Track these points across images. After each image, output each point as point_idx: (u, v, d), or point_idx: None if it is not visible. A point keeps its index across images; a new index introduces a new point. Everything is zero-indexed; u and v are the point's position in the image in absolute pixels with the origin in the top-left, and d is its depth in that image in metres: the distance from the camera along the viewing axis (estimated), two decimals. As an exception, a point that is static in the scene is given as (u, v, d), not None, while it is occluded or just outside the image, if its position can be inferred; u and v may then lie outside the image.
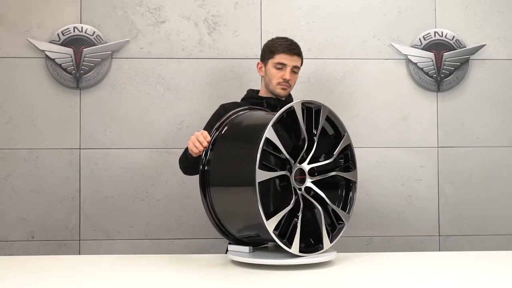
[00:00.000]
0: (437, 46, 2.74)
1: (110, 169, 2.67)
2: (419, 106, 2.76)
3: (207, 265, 1.73)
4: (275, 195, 1.63)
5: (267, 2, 2.74)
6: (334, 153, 1.72)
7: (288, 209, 1.56)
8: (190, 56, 2.71)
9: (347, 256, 1.87)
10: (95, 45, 2.66)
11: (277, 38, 2.22)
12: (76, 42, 2.65)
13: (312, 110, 1.69)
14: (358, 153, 2.70)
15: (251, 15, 2.74)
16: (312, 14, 2.75)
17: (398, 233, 2.75)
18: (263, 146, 1.51)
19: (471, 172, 2.77)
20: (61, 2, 2.68)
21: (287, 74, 2.12)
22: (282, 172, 1.58)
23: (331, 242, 1.69)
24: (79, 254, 2.65)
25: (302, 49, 2.70)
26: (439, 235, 2.75)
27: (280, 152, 1.57)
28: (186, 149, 1.99)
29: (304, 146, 1.63)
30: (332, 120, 1.76)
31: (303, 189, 1.63)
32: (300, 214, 1.58)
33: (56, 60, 2.64)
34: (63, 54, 2.64)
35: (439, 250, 2.75)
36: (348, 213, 1.80)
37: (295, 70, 2.16)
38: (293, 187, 1.60)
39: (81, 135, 2.67)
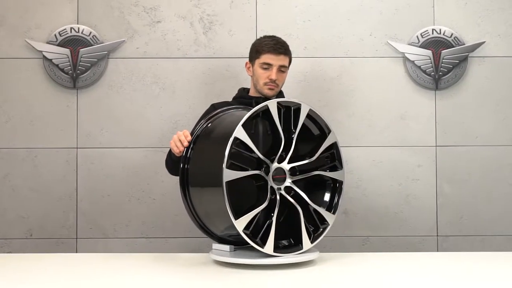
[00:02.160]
0: (435, 44, 2.70)
1: (107, 168, 2.70)
2: (416, 105, 2.72)
3: (189, 264, 1.74)
4: (252, 195, 1.62)
5: (262, 1, 2.73)
6: (317, 153, 1.69)
7: (261, 209, 1.56)
8: (186, 56, 2.72)
9: (331, 256, 1.86)
10: (92, 45, 2.68)
11: (264, 37, 2.20)
12: (73, 43, 2.68)
13: (291, 109, 1.68)
14: (355, 152, 2.73)
15: (247, 14, 2.73)
16: (308, 13, 2.74)
17: (395, 233, 2.71)
18: (231, 145, 1.51)
19: (471, 172, 2.72)
20: (58, 2, 2.71)
21: (273, 74, 2.09)
22: (253, 172, 1.58)
23: (312, 242, 1.66)
24: (76, 252, 2.68)
25: (298, 48, 2.72)
26: (437, 236, 2.71)
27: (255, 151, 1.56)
28: (170, 149, 2.00)
29: (281, 146, 1.61)
30: (316, 119, 1.74)
31: (282, 188, 1.62)
32: (275, 214, 1.57)
33: (53, 60, 2.67)
34: (60, 54, 2.67)
35: (437, 251, 2.71)
36: (333, 213, 1.76)
37: (282, 69, 2.13)
38: (271, 186, 1.59)
39: (78, 134, 2.70)
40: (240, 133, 1.54)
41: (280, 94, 2.29)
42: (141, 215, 2.69)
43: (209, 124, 1.77)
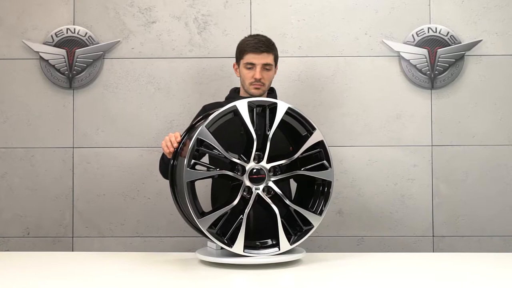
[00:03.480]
0: (431, 43, 2.67)
1: (102, 167, 2.72)
2: (412, 104, 2.70)
3: (175, 263, 1.75)
4: (225, 194, 1.63)
5: (257, 0, 2.73)
6: (298, 152, 1.67)
7: (228, 208, 1.56)
8: (181, 56, 2.73)
9: (323, 257, 1.84)
10: (87, 45, 2.71)
11: (248, 36, 2.19)
12: (69, 43, 2.70)
13: (267, 108, 1.66)
14: (350, 152, 2.72)
15: (241, 13, 2.73)
16: (302, 12, 2.73)
17: (390, 234, 2.70)
18: (194, 146, 1.55)
19: (467, 171, 2.69)
20: (55, 3, 2.74)
21: (257, 73, 2.08)
22: (218, 172, 1.60)
23: (291, 244, 1.63)
24: (72, 250, 2.71)
25: (292, 47, 2.72)
26: (433, 236, 2.69)
27: (228, 151, 1.57)
28: (163, 152, 2.02)
29: (253, 145, 1.61)
30: (299, 118, 1.71)
31: (261, 188, 1.61)
32: (245, 214, 1.57)
33: (49, 61, 2.70)
34: (56, 55, 2.70)
35: (433, 251, 2.69)
36: (320, 214, 1.72)
37: (267, 67, 2.11)
38: (247, 186, 1.59)
39: (74, 134, 2.73)
40: (203, 134, 1.57)
41: (273, 92, 2.28)
42: (136, 214, 2.71)
43: (196, 125, 1.78)
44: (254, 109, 1.63)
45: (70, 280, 1.51)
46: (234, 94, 2.26)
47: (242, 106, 1.60)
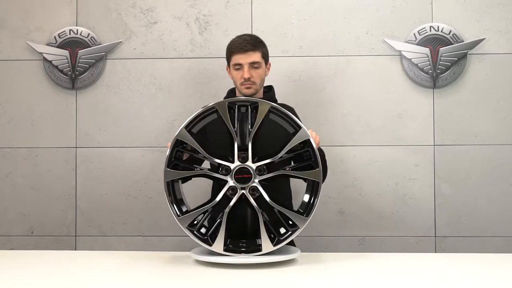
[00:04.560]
0: (433, 41, 2.65)
1: (105, 167, 2.74)
2: (414, 103, 2.69)
3: (170, 262, 1.76)
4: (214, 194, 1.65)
5: (257, 0, 2.73)
6: (282, 151, 1.63)
7: (208, 207, 1.59)
8: (182, 56, 2.75)
9: (326, 257, 1.83)
10: (90, 46, 2.73)
11: (235, 37, 2.16)
12: (72, 44, 2.73)
13: (249, 108, 1.66)
14: (351, 152, 2.70)
15: (242, 13, 2.74)
16: (303, 11, 2.73)
17: (392, 234, 2.68)
18: (174, 146, 1.59)
19: (470, 171, 2.67)
20: (58, 5, 2.77)
21: (245, 73, 2.08)
22: (198, 172, 1.63)
23: (275, 245, 1.61)
24: (75, 249, 2.73)
25: (293, 47, 2.71)
26: (435, 236, 2.67)
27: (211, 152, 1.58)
28: None
29: (234, 145, 1.62)
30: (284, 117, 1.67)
31: (247, 188, 1.61)
32: (225, 213, 1.58)
33: (53, 62, 2.73)
34: (59, 56, 2.73)
35: (435, 252, 2.66)
36: (307, 216, 1.67)
37: (254, 66, 2.09)
38: (232, 186, 1.61)
39: (77, 134, 2.75)
40: (182, 135, 1.62)
41: (270, 91, 2.27)
42: (138, 213, 2.73)
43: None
44: (235, 108, 1.63)
45: (71, 278, 1.53)
46: (231, 95, 2.26)
47: (221, 106, 1.61)
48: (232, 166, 1.62)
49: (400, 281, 1.50)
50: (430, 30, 2.66)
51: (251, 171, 1.60)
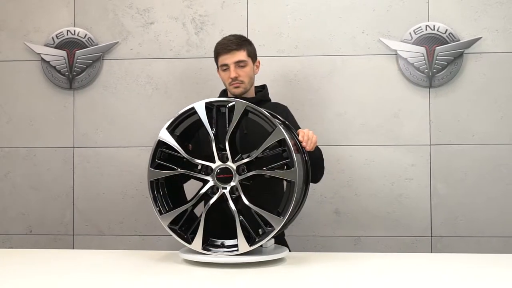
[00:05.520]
0: (429, 40, 2.64)
1: (102, 166, 2.77)
2: (410, 103, 2.67)
3: (157, 261, 1.77)
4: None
5: (253, 0, 2.74)
6: (257, 151, 1.61)
7: (187, 206, 1.62)
8: (178, 56, 2.76)
9: (319, 256, 1.82)
10: (87, 47, 2.75)
11: (221, 39, 2.17)
12: (69, 45, 2.76)
13: (226, 108, 1.66)
14: (347, 151, 2.70)
15: (238, 13, 2.75)
16: (299, 11, 2.73)
17: (388, 234, 2.67)
18: (156, 147, 1.67)
19: (467, 171, 2.65)
20: (56, 6, 2.79)
21: (231, 72, 2.09)
22: (179, 172, 1.66)
23: (251, 245, 1.59)
24: (73, 248, 2.76)
25: (289, 47, 2.71)
26: (431, 236, 2.66)
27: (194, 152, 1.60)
28: None
29: (218, 145, 1.63)
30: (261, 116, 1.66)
31: (228, 188, 1.62)
32: (203, 212, 1.59)
33: (50, 62, 2.76)
34: (57, 56, 2.76)
35: (431, 252, 2.65)
36: (282, 216, 1.61)
37: (240, 64, 2.10)
38: (214, 185, 1.63)
39: (74, 134, 2.78)
40: (164, 135, 1.68)
41: (263, 89, 2.28)
42: (135, 213, 2.75)
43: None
44: (214, 108, 1.64)
45: (70, 276, 1.56)
46: (224, 95, 2.28)
47: (199, 107, 1.62)
48: (213, 166, 1.63)
49: (396, 281, 1.49)
50: (426, 29, 2.64)
51: (232, 171, 1.61)
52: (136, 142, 2.76)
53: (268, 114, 1.61)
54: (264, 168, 1.59)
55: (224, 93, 2.29)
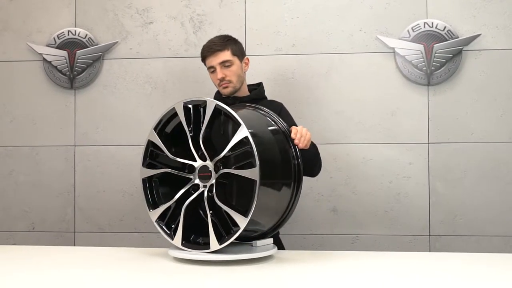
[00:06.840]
0: (427, 38, 2.62)
1: (102, 165, 2.81)
2: (408, 101, 2.66)
3: (148, 258, 1.79)
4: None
5: (251, -1, 2.75)
6: (225, 149, 1.61)
7: (171, 202, 1.67)
8: (177, 55, 2.78)
9: (316, 255, 1.82)
10: (87, 47, 2.80)
11: (206, 42, 2.19)
12: (70, 45, 2.80)
13: (200, 107, 1.68)
14: (344, 150, 2.70)
15: (236, 12, 2.76)
16: (296, 9, 2.73)
17: (386, 232, 2.66)
18: (147, 147, 1.70)
19: (465, 170, 2.63)
20: (57, 7, 2.84)
21: (218, 73, 2.11)
22: (164, 170, 1.69)
23: (221, 244, 1.59)
24: (74, 245, 2.81)
25: (286, 45, 2.72)
26: (429, 235, 2.64)
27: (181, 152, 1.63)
28: None
29: (197, 144, 1.65)
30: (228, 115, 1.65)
31: (208, 186, 1.64)
32: (182, 209, 1.63)
33: (52, 62, 2.81)
34: (58, 56, 2.81)
35: (430, 251, 2.64)
36: (246, 216, 1.57)
37: (226, 64, 2.12)
38: (195, 183, 1.67)
39: (75, 133, 2.82)
40: (152, 136, 1.71)
41: (259, 87, 2.29)
42: (134, 210, 2.79)
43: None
44: (191, 108, 1.66)
45: (70, 272, 1.59)
46: (218, 95, 2.30)
47: (178, 107, 1.65)
48: (195, 164, 1.66)
49: (394, 280, 1.48)
50: (424, 27, 2.62)
51: (211, 169, 1.63)
52: (136, 140, 2.79)
53: (234, 113, 1.59)
54: (233, 167, 1.60)
55: (218, 93, 2.31)
